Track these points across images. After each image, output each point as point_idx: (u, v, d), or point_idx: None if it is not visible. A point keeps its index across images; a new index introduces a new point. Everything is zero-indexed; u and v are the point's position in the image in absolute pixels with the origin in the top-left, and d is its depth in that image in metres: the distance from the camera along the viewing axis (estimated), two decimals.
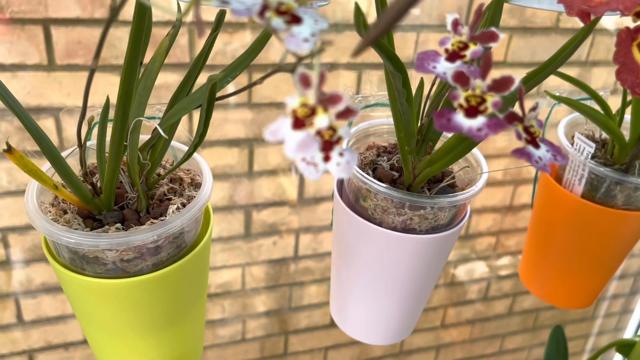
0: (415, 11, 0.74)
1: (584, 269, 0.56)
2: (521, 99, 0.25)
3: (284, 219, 0.84)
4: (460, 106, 0.23)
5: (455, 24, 0.25)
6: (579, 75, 0.88)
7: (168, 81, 0.66)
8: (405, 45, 0.74)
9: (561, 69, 0.36)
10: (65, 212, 0.39)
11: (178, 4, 0.44)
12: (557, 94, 0.53)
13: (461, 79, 0.23)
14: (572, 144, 0.52)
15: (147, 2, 0.25)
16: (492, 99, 0.23)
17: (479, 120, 0.23)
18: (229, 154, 0.75)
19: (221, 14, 0.43)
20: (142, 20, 0.33)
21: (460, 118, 0.23)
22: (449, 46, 0.25)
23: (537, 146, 0.25)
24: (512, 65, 0.83)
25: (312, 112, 0.20)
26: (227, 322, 0.91)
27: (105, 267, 0.37)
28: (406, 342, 1.10)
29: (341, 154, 0.22)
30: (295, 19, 0.23)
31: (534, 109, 0.25)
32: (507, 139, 0.87)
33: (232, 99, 0.72)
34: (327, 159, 0.21)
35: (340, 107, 0.20)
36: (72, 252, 0.37)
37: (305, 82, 0.20)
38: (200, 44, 0.64)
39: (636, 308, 1.25)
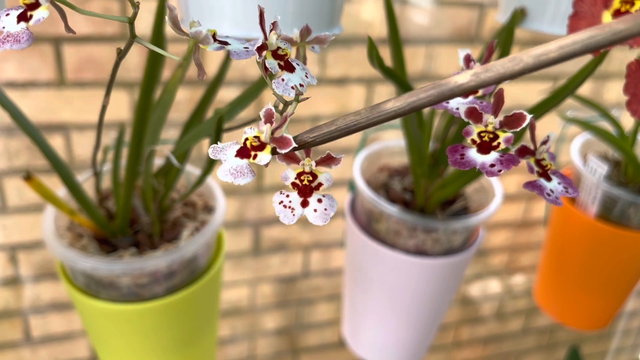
0: (424, 24, 0.74)
1: (599, 289, 0.55)
2: (533, 134, 0.25)
3: (294, 236, 0.84)
4: (473, 142, 0.24)
5: (468, 60, 0.26)
6: (592, 89, 0.87)
7: (185, 97, 0.66)
8: (414, 59, 0.74)
9: None
10: (80, 237, 0.39)
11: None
12: (570, 113, 0.53)
13: (474, 115, 0.23)
14: (585, 164, 0.52)
15: (155, 48, 0.25)
16: (504, 135, 0.23)
17: (492, 156, 0.23)
18: None
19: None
20: (157, 56, 0.33)
21: (473, 154, 0.23)
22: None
23: (549, 179, 0.25)
24: (525, 79, 0.83)
25: (261, 146, 0.21)
26: (236, 340, 0.91)
27: (119, 292, 0.38)
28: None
29: (319, 200, 0.22)
30: (289, 67, 0.24)
31: (545, 142, 0.25)
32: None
33: (242, 116, 0.73)
34: (305, 204, 0.22)
35: (286, 150, 0.21)
36: (87, 277, 0.38)
37: (268, 118, 0.21)
38: (211, 59, 0.65)
39: None
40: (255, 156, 0.21)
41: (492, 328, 1.11)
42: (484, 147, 0.23)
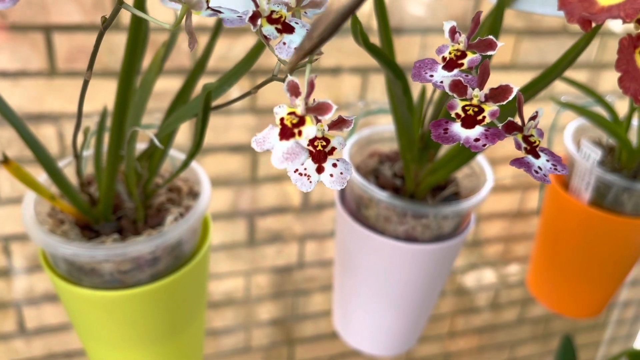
0: (419, 14, 0.73)
1: (593, 277, 0.55)
2: (520, 108, 0.24)
3: (288, 226, 0.83)
4: (458, 116, 0.23)
5: (453, 31, 0.25)
6: (588, 78, 0.87)
7: (171, 87, 0.65)
8: (409, 48, 0.73)
9: (570, 72, 0.35)
10: (62, 223, 0.38)
11: (176, 14, 0.44)
12: (564, 99, 0.52)
13: (458, 88, 0.23)
14: (579, 150, 0.51)
15: (141, 14, 0.24)
16: (490, 109, 0.22)
17: (477, 131, 0.22)
18: (232, 160, 0.75)
19: (219, 21, 0.43)
20: (138, 31, 0.33)
21: (457, 128, 0.23)
22: (446, 54, 0.25)
23: (537, 156, 0.24)
24: (521, 69, 0.82)
25: (301, 121, 0.20)
26: (231, 331, 0.91)
27: (102, 279, 0.37)
28: (413, 351, 1.09)
29: (334, 165, 0.21)
30: (287, 28, 0.23)
31: (533, 117, 0.24)
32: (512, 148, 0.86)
33: (235, 105, 0.72)
34: (320, 170, 0.21)
35: (328, 115, 0.20)
36: (69, 264, 0.37)
37: (294, 91, 0.20)
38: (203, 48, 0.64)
39: None
40: (300, 132, 0.20)
41: (487, 318, 1.10)
42: (469, 121, 0.22)
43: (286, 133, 0.20)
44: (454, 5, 0.74)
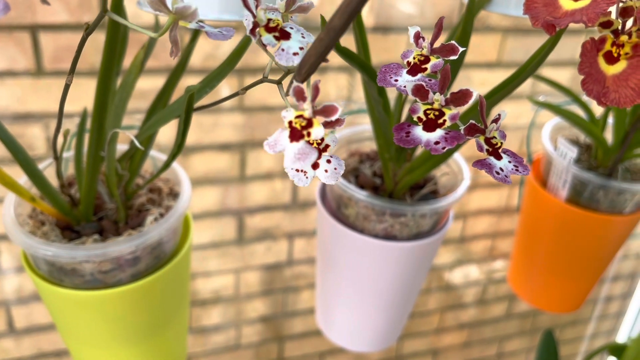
0: (407, 11, 0.74)
1: (570, 272, 0.56)
2: (482, 111, 0.25)
3: (277, 224, 0.84)
4: (420, 119, 0.23)
5: (417, 37, 0.25)
6: (573, 76, 0.88)
7: (156, 86, 0.66)
8: (396, 47, 0.74)
9: (555, 70, 0.36)
10: (43, 224, 0.39)
11: (156, 20, 0.44)
12: (542, 98, 0.53)
13: (420, 92, 0.23)
14: (556, 148, 0.52)
15: (124, 21, 0.25)
16: (450, 112, 0.23)
17: (437, 134, 0.23)
18: (221, 159, 0.75)
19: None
20: (116, 33, 0.33)
21: (419, 131, 0.23)
22: (410, 59, 0.25)
23: (499, 157, 0.25)
24: (507, 66, 0.83)
25: (309, 123, 0.21)
26: (221, 328, 0.91)
27: (83, 279, 0.38)
28: (402, 347, 1.10)
29: (328, 161, 0.23)
30: (284, 35, 0.24)
31: (495, 120, 0.25)
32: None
33: (223, 103, 0.72)
34: (315, 166, 0.22)
35: (334, 117, 0.21)
36: (49, 265, 0.37)
37: (300, 95, 0.21)
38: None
39: (628, 310, 1.25)
40: (308, 134, 0.21)
41: (474, 314, 1.12)
42: (430, 125, 0.23)
43: (296, 135, 0.21)
44: (441, 3, 0.75)
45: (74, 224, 0.39)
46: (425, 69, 0.25)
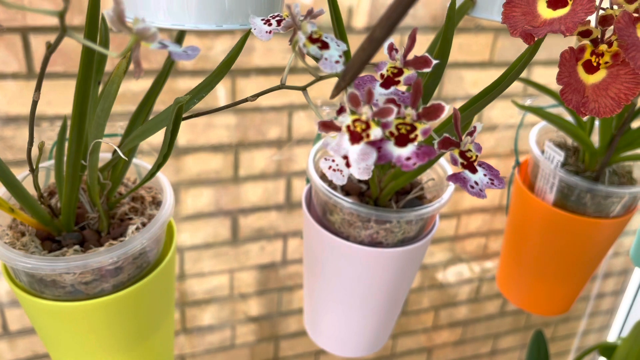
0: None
1: (558, 276, 0.56)
2: (457, 124, 0.24)
3: (271, 224, 0.83)
4: (392, 134, 0.23)
5: (391, 49, 0.25)
6: None
7: (146, 88, 0.65)
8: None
9: (548, 71, 0.36)
10: (22, 235, 0.38)
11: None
12: (530, 101, 0.53)
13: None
14: (543, 152, 0.52)
15: (86, 42, 0.24)
16: (422, 127, 0.23)
17: (409, 149, 0.23)
18: (214, 159, 0.75)
19: (181, 33, 0.43)
20: (91, 53, 0.32)
21: (390, 147, 0.23)
22: (384, 71, 0.25)
23: (474, 170, 0.25)
24: (499, 66, 0.82)
25: (367, 126, 0.22)
26: (215, 329, 0.91)
27: (64, 290, 0.37)
28: (396, 345, 1.10)
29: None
30: (324, 45, 0.25)
31: (470, 133, 0.25)
32: (488, 145, 0.87)
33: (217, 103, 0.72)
34: (348, 164, 0.23)
35: (391, 118, 0.22)
36: (29, 276, 0.37)
37: (355, 101, 0.22)
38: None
39: (619, 309, 1.25)
40: (367, 135, 0.22)
41: (467, 312, 1.12)
42: (401, 140, 0.23)
43: (356, 137, 0.22)
44: (432, 3, 0.74)
45: (55, 234, 0.39)
46: (399, 81, 0.24)
